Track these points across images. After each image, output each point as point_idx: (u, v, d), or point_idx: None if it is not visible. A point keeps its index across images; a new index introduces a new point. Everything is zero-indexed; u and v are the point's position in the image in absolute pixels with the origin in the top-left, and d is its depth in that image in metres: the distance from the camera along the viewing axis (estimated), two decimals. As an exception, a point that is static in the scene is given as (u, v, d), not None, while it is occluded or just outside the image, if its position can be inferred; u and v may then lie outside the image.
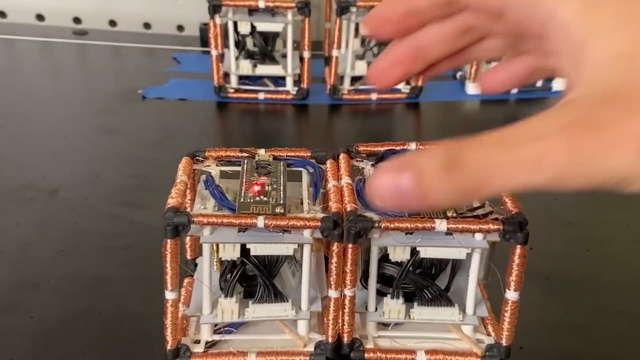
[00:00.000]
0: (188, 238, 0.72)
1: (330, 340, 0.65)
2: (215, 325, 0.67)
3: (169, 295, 0.62)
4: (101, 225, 0.84)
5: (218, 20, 1.12)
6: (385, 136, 1.14)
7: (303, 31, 1.14)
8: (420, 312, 0.65)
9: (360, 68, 1.19)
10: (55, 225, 0.84)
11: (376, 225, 0.60)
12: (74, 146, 1.03)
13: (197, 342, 0.66)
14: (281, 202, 0.63)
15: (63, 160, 0.99)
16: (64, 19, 1.43)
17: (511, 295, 0.64)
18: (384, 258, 0.65)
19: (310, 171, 0.70)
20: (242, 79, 1.20)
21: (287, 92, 1.20)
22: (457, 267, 0.67)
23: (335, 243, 0.61)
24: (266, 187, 0.65)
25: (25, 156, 1.00)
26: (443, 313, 0.65)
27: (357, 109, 1.20)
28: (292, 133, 1.16)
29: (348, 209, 0.62)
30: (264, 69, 1.18)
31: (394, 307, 0.65)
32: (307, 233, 0.62)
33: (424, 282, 0.66)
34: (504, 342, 0.66)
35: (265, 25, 1.14)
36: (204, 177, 0.66)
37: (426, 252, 0.63)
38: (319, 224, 0.60)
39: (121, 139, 1.05)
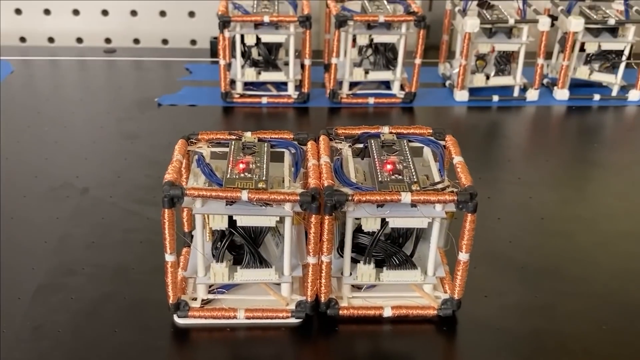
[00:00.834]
0: (185, 213, 0.79)
1: (309, 299, 0.74)
2: (210, 286, 0.77)
3: (169, 257, 0.71)
4: (123, 220, 0.93)
5: (227, 33, 1.19)
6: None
7: (304, 42, 1.21)
8: (389, 275, 0.75)
9: (358, 74, 1.25)
10: (87, 220, 0.93)
11: (350, 198, 0.68)
12: (101, 150, 1.12)
13: (195, 299, 0.76)
14: (264, 178, 0.70)
15: (92, 162, 1.08)
16: (97, 40, 1.56)
17: (462, 256, 0.74)
18: (358, 229, 0.74)
19: (292, 152, 0.77)
20: (247, 85, 1.27)
21: (289, 96, 1.26)
22: (420, 235, 0.76)
23: (314, 215, 0.69)
24: (250, 165, 0.72)
25: (63, 159, 1.09)
26: (408, 275, 0.75)
27: (355, 112, 1.25)
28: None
29: (325, 185, 0.69)
30: (267, 76, 1.26)
31: (366, 271, 0.74)
32: (287, 207, 0.69)
33: (392, 250, 0.75)
34: (456, 296, 0.76)
35: (269, 37, 1.22)
36: (196, 156, 0.75)
37: (394, 222, 0.72)
38: (298, 197, 0.68)
39: (139, 142, 1.14)
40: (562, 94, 1.33)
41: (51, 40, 1.55)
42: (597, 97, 1.33)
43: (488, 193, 1.02)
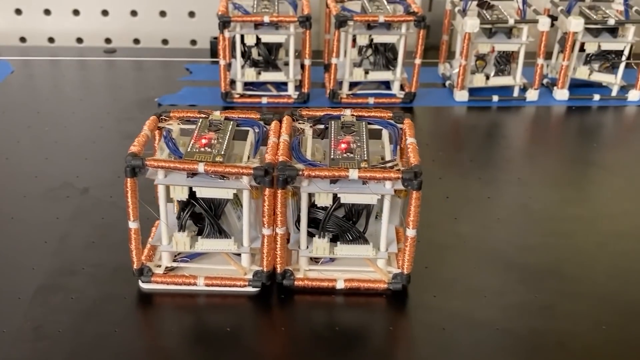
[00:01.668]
0: (160, 188, 0.80)
1: (265, 269, 0.78)
2: (176, 255, 0.81)
3: (132, 224, 0.76)
4: (122, 221, 0.92)
5: (227, 34, 1.19)
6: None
7: (304, 42, 1.21)
8: (342, 249, 0.78)
9: (358, 74, 1.26)
10: (87, 220, 0.93)
11: (300, 173, 0.72)
12: (101, 150, 1.12)
13: (159, 266, 0.80)
14: (222, 152, 0.75)
15: (92, 162, 1.08)
16: (97, 40, 1.56)
17: (410, 232, 0.77)
18: (315, 205, 0.77)
19: (256, 130, 0.81)
20: (247, 85, 1.27)
21: (289, 97, 1.27)
22: (371, 211, 0.79)
23: (267, 189, 0.73)
24: (212, 141, 0.76)
25: (63, 159, 1.09)
26: (360, 250, 0.79)
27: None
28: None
29: (279, 160, 0.73)
30: (267, 76, 1.26)
31: (320, 245, 0.78)
32: (245, 180, 0.73)
33: (346, 225, 0.78)
34: (405, 271, 0.79)
35: (269, 37, 1.22)
36: (164, 132, 0.79)
37: (345, 198, 0.75)
38: (252, 171, 0.72)
39: (139, 143, 1.14)
40: (561, 94, 1.33)
41: (51, 40, 1.55)
42: (596, 97, 1.33)
43: (488, 193, 1.03)
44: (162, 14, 1.54)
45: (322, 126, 0.83)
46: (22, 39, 1.55)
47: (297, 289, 0.80)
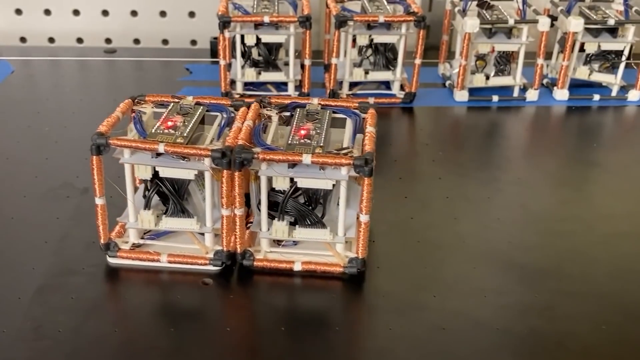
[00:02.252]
0: (126, 167, 0.83)
1: (225, 249, 0.81)
2: (144, 233, 0.85)
3: (98, 201, 0.80)
4: None
5: (227, 34, 1.20)
6: (380, 137, 1.21)
7: (304, 42, 1.21)
8: (300, 232, 0.81)
9: (358, 74, 1.26)
10: (86, 220, 0.92)
11: (255, 156, 0.75)
12: (101, 150, 1.12)
13: (127, 242, 0.84)
14: (185, 134, 0.77)
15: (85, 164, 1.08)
16: (98, 40, 1.56)
17: (363, 218, 0.79)
18: (274, 189, 0.80)
19: (224, 115, 0.83)
20: (247, 85, 1.27)
21: (289, 97, 1.28)
22: (331, 197, 0.83)
23: (225, 170, 0.76)
24: (177, 124, 0.80)
25: (63, 159, 1.09)
26: (317, 234, 0.81)
27: None
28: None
29: (238, 143, 0.76)
30: (267, 76, 1.26)
31: (279, 227, 0.81)
32: (207, 162, 0.76)
33: (304, 209, 0.81)
34: (359, 256, 0.82)
35: (269, 37, 1.22)
36: (135, 114, 0.82)
37: (301, 183, 0.78)
38: (209, 153, 0.75)
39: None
40: (561, 94, 1.33)
41: (51, 40, 1.55)
42: (596, 97, 1.33)
43: (488, 193, 1.03)
44: (162, 14, 1.54)
45: (288, 113, 0.86)
46: (23, 39, 1.55)
47: (256, 269, 0.83)
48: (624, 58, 1.32)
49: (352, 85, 1.29)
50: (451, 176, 1.07)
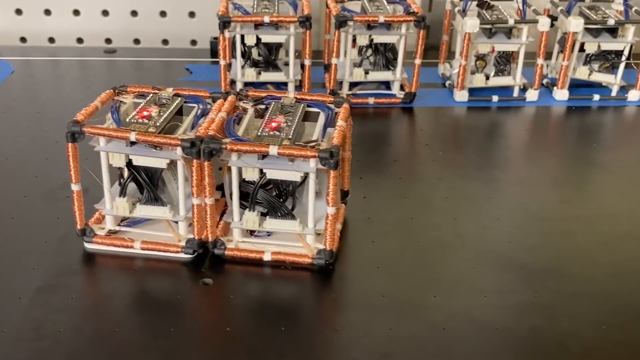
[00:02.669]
0: (102, 154, 0.84)
1: (196, 237, 0.83)
2: (122, 220, 0.86)
3: (74, 187, 0.82)
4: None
5: (227, 34, 1.20)
6: (381, 137, 1.21)
7: (304, 42, 1.21)
8: (270, 223, 0.83)
9: (358, 74, 1.26)
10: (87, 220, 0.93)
11: (223, 146, 0.76)
12: (100, 150, 1.12)
13: (103, 229, 0.86)
14: (157, 124, 0.79)
15: (92, 162, 1.07)
16: (98, 40, 1.56)
17: (330, 210, 0.80)
18: (246, 180, 0.81)
19: (200, 107, 0.86)
20: (247, 85, 1.25)
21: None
22: (299, 188, 0.84)
23: (194, 160, 0.77)
24: (152, 114, 0.82)
25: (63, 159, 1.07)
26: (287, 225, 0.83)
27: (355, 112, 1.22)
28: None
29: (208, 134, 0.77)
30: (267, 76, 1.26)
31: (250, 218, 0.83)
32: (179, 151, 0.78)
33: (274, 201, 0.83)
34: (327, 247, 0.83)
35: (269, 37, 1.22)
36: (113, 103, 0.84)
37: (270, 174, 0.80)
38: (179, 143, 0.77)
39: (140, 142, 1.14)
40: (561, 94, 1.33)
41: (51, 40, 1.55)
42: (596, 97, 1.33)
43: (488, 193, 1.03)
44: (163, 14, 1.54)
45: (263, 106, 0.87)
46: (23, 39, 1.55)
47: (227, 259, 0.84)
48: (623, 58, 1.32)
49: (352, 85, 1.29)
50: (451, 176, 1.07)
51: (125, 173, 0.85)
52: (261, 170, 0.80)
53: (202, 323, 0.77)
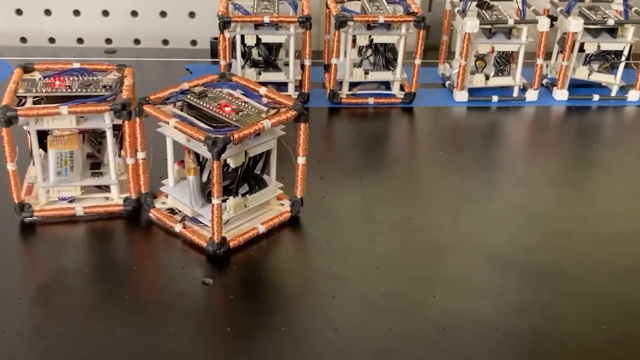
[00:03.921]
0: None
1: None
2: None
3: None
4: (123, 220, 0.93)
5: (227, 34, 1.19)
6: (381, 137, 1.21)
7: (304, 42, 1.21)
8: (252, 200, 0.89)
9: (358, 75, 1.26)
10: (88, 222, 0.92)
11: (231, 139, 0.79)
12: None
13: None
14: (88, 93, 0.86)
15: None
16: (98, 40, 1.55)
17: (300, 160, 0.90)
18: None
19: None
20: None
21: (289, 97, 1.28)
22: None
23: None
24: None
25: None
26: (264, 194, 0.90)
27: (355, 112, 1.26)
28: (293, 134, 1.24)
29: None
30: (267, 76, 1.25)
31: (234, 202, 0.86)
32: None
33: (252, 177, 0.88)
34: (298, 195, 0.91)
35: (269, 38, 1.22)
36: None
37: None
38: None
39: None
40: (561, 94, 1.33)
41: (52, 40, 1.55)
42: (596, 97, 1.33)
43: (488, 193, 1.03)
44: (163, 14, 1.54)
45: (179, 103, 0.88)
46: (23, 39, 1.55)
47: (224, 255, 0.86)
48: (623, 58, 1.32)
49: (352, 85, 1.29)
50: (451, 176, 1.07)
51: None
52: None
53: (202, 323, 0.77)
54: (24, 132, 0.89)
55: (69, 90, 0.87)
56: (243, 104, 0.86)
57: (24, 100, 0.88)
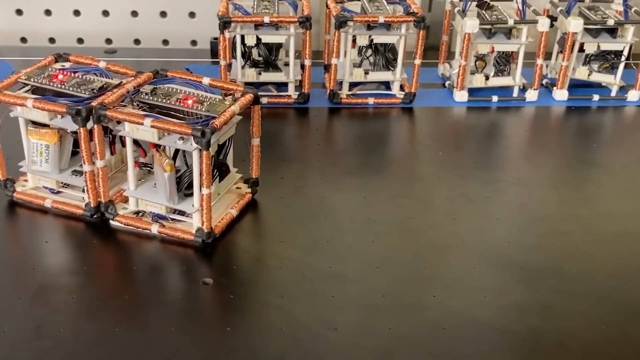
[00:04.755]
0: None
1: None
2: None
3: None
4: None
5: (227, 34, 1.19)
6: (381, 137, 1.21)
7: (304, 42, 1.21)
8: (222, 186, 0.90)
9: (358, 75, 1.26)
10: (88, 222, 0.92)
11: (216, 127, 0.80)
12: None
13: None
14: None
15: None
16: (98, 41, 1.55)
17: (254, 141, 0.94)
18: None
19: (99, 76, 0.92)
20: (247, 85, 1.27)
21: (289, 97, 1.26)
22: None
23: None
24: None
25: None
26: (229, 179, 0.93)
27: (355, 113, 1.26)
28: (293, 134, 1.24)
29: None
30: (267, 76, 1.26)
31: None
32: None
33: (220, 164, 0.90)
34: (254, 175, 0.95)
35: (269, 38, 1.22)
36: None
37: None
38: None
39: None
40: (561, 94, 1.33)
41: (52, 40, 1.55)
42: (596, 97, 1.33)
43: (488, 193, 1.03)
44: (163, 14, 1.54)
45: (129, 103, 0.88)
46: (23, 40, 1.55)
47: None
48: (623, 58, 1.32)
49: (352, 85, 1.29)
50: (451, 176, 1.07)
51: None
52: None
53: (202, 323, 0.77)
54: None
55: (61, 86, 0.88)
56: (199, 95, 0.86)
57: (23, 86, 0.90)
